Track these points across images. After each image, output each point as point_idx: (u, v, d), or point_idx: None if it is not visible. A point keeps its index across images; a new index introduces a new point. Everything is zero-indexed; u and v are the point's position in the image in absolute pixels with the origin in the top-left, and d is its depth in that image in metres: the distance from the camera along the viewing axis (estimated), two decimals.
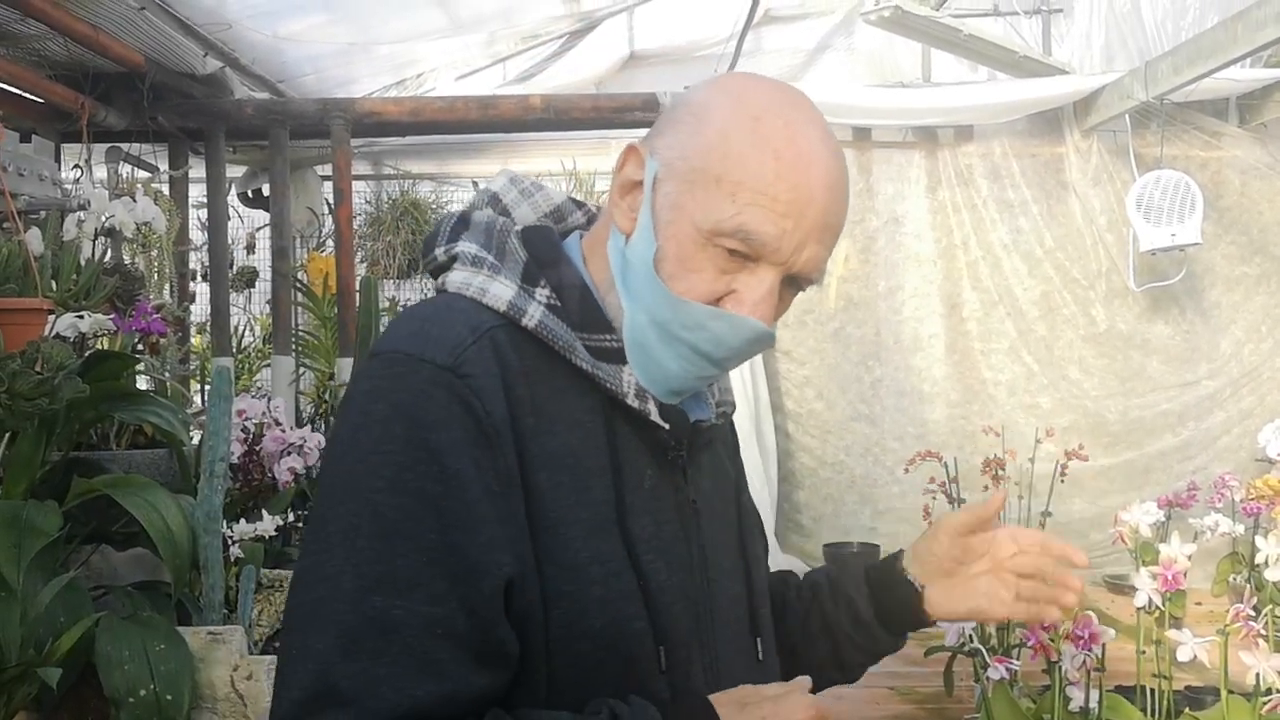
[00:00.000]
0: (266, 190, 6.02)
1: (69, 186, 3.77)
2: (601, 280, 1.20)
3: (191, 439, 2.95)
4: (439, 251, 1.22)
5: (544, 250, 1.20)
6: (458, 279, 1.18)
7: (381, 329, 1.09)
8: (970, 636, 3.02)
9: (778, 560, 6.23)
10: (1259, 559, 3.24)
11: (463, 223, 1.23)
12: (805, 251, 1.12)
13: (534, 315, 1.14)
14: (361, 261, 6.53)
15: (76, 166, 4.22)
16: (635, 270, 1.15)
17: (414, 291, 6.86)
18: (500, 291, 1.15)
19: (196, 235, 6.00)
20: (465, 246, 1.20)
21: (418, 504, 1.05)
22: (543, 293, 1.16)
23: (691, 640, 1.19)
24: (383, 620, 1.02)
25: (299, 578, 1.10)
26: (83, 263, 2.94)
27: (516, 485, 1.09)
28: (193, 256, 5.86)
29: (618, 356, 1.17)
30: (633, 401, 1.17)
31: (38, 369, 2.24)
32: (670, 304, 1.13)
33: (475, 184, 6.94)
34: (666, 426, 1.19)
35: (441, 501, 1.05)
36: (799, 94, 1.16)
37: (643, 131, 1.23)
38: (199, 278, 6.03)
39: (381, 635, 1.02)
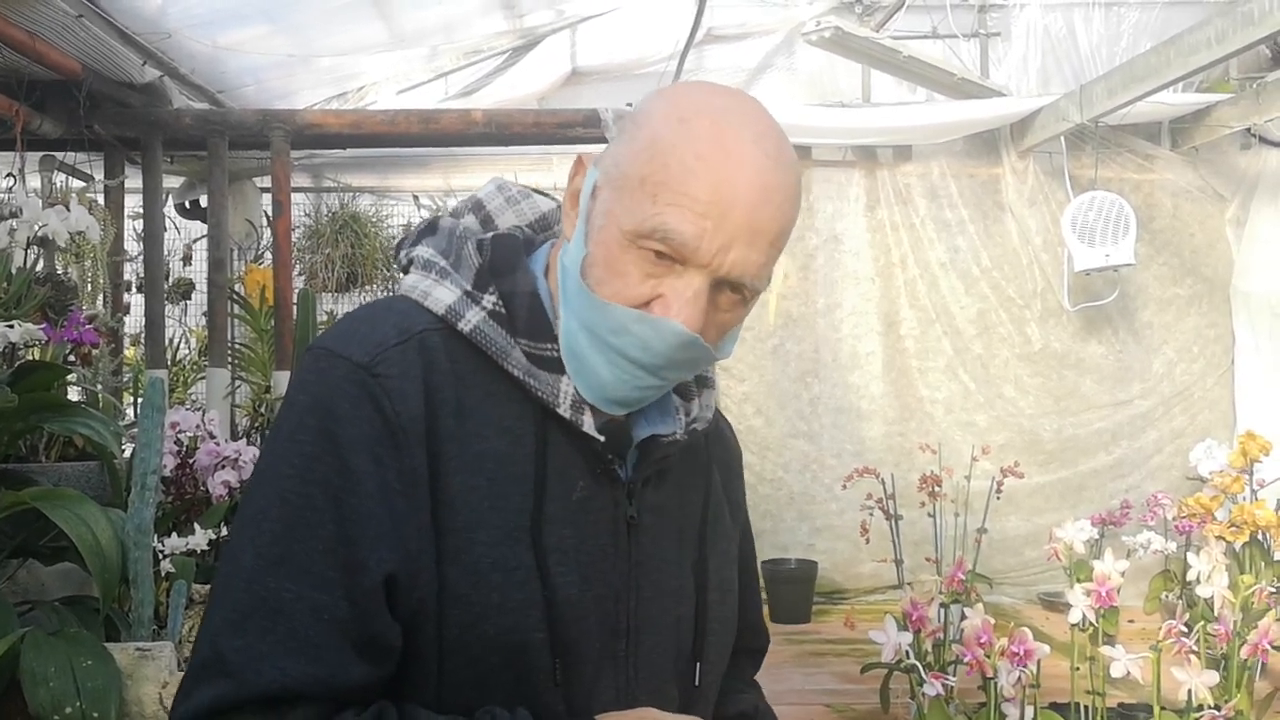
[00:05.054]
0: (204, 201, 5.95)
1: (1, 195, 3.71)
2: (556, 289, 1.20)
3: (123, 451, 2.90)
4: (402, 255, 1.26)
5: (502, 257, 1.21)
6: (408, 281, 1.21)
7: None
8: (906, 653, 3.03)
9: None
10: (1191, 576, 3.29)
11: (430, 228, 1.26)
12: (731, 254, 1.09)
13: (471, 320, 1.16)
14: (300, 274, 6.46)
15: (10, 175, 4.15)
16: (568, 276, 1.15)
17: (352, 305, 6.80)
18: (442, 295, 1.17)
19: (132, 246, 5.93)
20: (421, 251, 1.23)
21: (320, 494, 1.09)
22: (489, 299, 1.17)
23: (603, 657, 1.18)
24: (273, 600, 1.07)
25: (222, 554, 1.15)
26: (14, 271, 2.89)
27: (422, 485, 1.11)
28: (128, 267, 5.79)
29: (557, 366, 1.16)
30: (566, 412, 1.16)
31: None
32: (595, 308, 1.12)
33: (416, 198, 6.91)
34: (601, 439, 1.17)
35: (341, 494, 1.09)
36: (744, 99, 1.15)
37: (584, 147, 1.24)
38: (134, 289, 5.95)
39: (269, 614, 1.07)
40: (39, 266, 3.21)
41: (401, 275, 1.25)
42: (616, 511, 1.20)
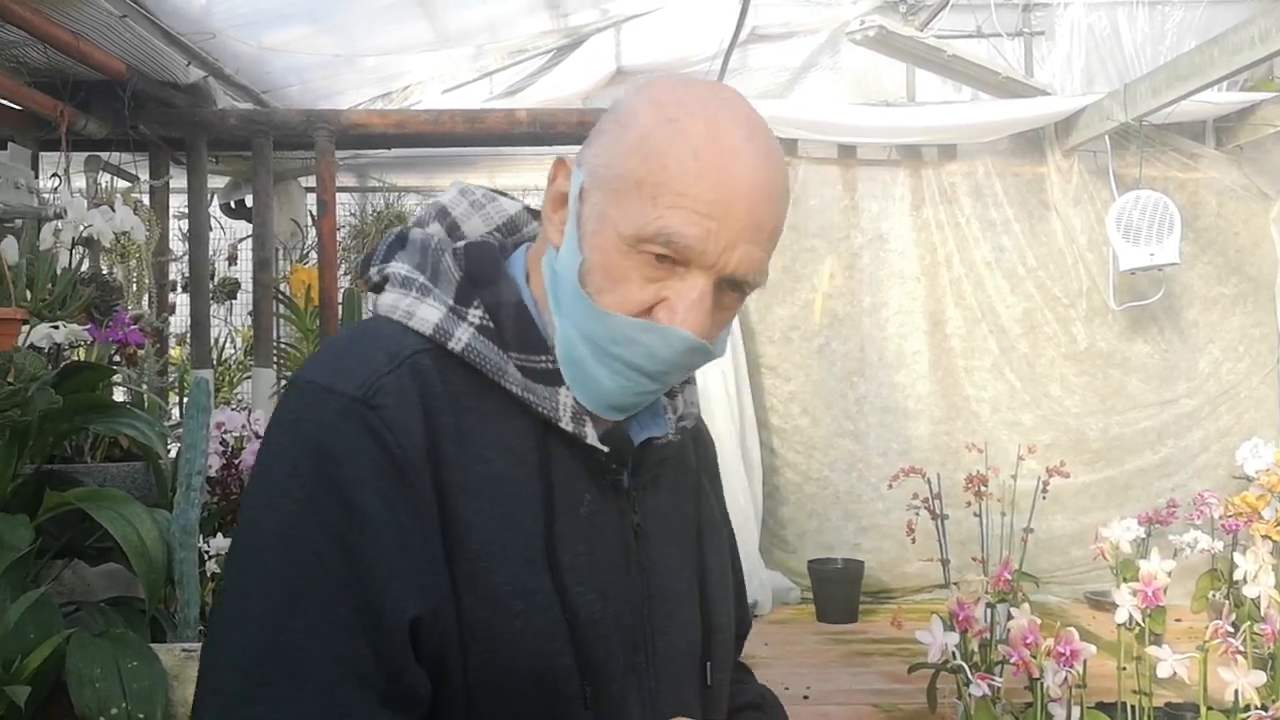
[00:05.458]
0: (249, 201, 5.99)
1: (47, 195, 3.74)
2: (541, 296, 1.16)
3: (169, 452, 2.91)
4: (373, 272, 1.19)
5: (481, 267, 1.16)
6: (387, 301, 1.15)
7: None
8: (953, 653, 3.01)
9: (762, 576, 6.22)
10: (1238, 575, 3.25)
11: (399, 241, 1.20)
12: (735, 252, 1.06)
13: (461, 338, 1.11)
14: (345, 274, 6.48)
15: (55, 175, 4.18)
16: (563, 284, 1.11)
17: None
18: (427, 314, 1.12)
19: (177, 246, 5.97)
20: (396, 267, 1.17)
21: (325, 541, 1.02)
22: (475, 313, 1.12)
23: (627, 673, 1.14)
24: (289, 661, 1.00)
25: (215, 612, 1.07)
26: (59, 272, 2.91)
27: (433, 518, 1.05)
28: (173, 267, 5.82)
29: (553, 378, 1.12)
30: (567, 425, 1.12)
31: (10, 380, 2.21)
32: (598, 319, 1.08)
33: None
34: (605, 450, 1.14)
35: (348, 539, 1.02)
36: (727, 93, 1.12)
37: None
38: (179, 289, 5.99)
39: (289, 676, 1.00)
40: (84, 267, 3.24)
41: (373, 296, 1.18)
42: (623, 521, 1.17)
